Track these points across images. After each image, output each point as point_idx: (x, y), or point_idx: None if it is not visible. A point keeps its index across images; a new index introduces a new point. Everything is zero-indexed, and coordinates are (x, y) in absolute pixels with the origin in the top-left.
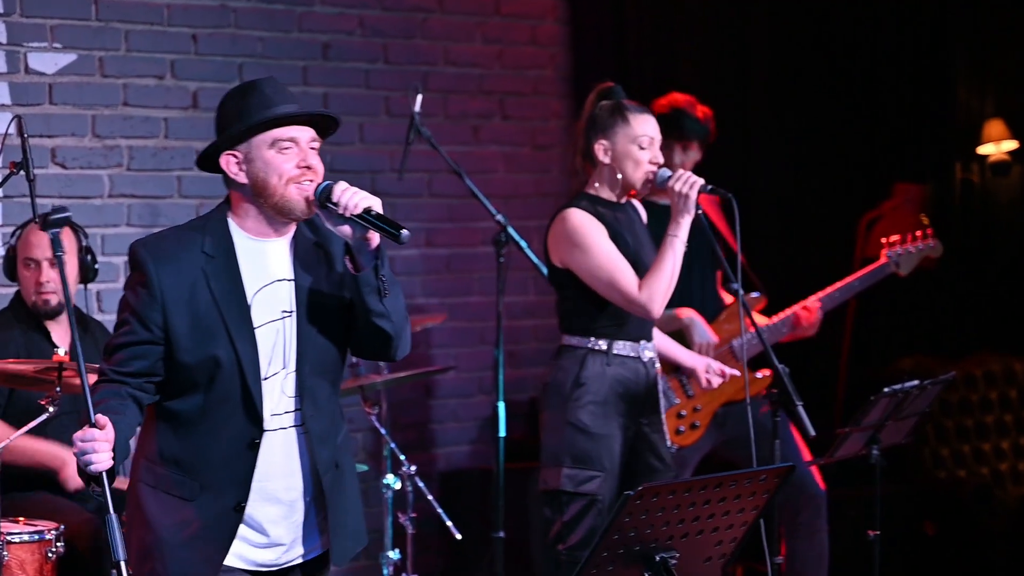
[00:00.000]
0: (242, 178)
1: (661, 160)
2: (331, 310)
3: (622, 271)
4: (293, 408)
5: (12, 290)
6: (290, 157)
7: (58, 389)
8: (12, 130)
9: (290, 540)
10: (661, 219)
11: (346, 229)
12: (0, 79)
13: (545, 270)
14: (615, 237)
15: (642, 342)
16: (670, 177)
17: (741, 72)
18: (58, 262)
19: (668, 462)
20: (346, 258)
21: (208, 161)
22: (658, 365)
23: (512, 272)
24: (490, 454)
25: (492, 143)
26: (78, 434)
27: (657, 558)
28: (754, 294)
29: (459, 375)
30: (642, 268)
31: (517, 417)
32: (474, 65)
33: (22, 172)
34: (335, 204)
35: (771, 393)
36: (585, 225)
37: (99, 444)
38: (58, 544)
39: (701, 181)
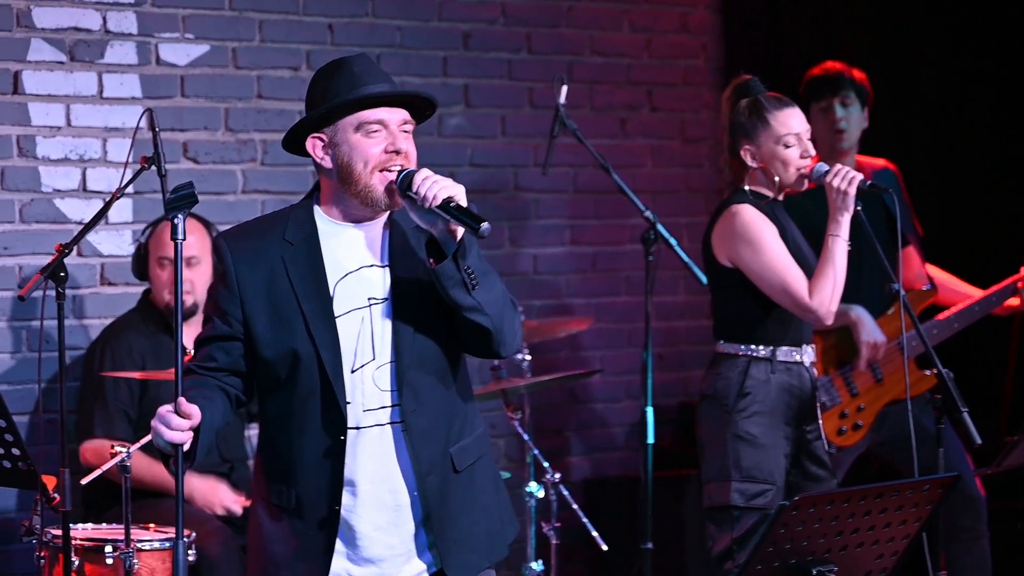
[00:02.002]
0: (327, 163)
1: (813, 153)
2: (429, 299)
3: (794, 275)
4: (390, 403)
5: (135, 289)
6: (377, 141)
7: None
8: (143, 124)
9: (404, 551)
10: (796, 209)
11: (427, 219)
12: (131, 71)
13: (696, 269)
14: (782, 235)
15: (804, 345)
16: (827, 172)
17: (904, 59)
18: (175, 250)
19: (831, 468)
20: (427, 250)
21: (296, 144)
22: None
23: (661, 271)
24: (638, 461)
25: (640, 136)
26: (162, 408)
27: (814, 572)
28: (926, 287)
29: (606, 379)
30: (805, 267)
31: (666, 423)
32: (621, 55)
33: (153, 167)
34: (415, 194)
35: (934, 399)
36: (757, 223)
37: (178, 420)
38: (189, 552)
39: (860, 176)
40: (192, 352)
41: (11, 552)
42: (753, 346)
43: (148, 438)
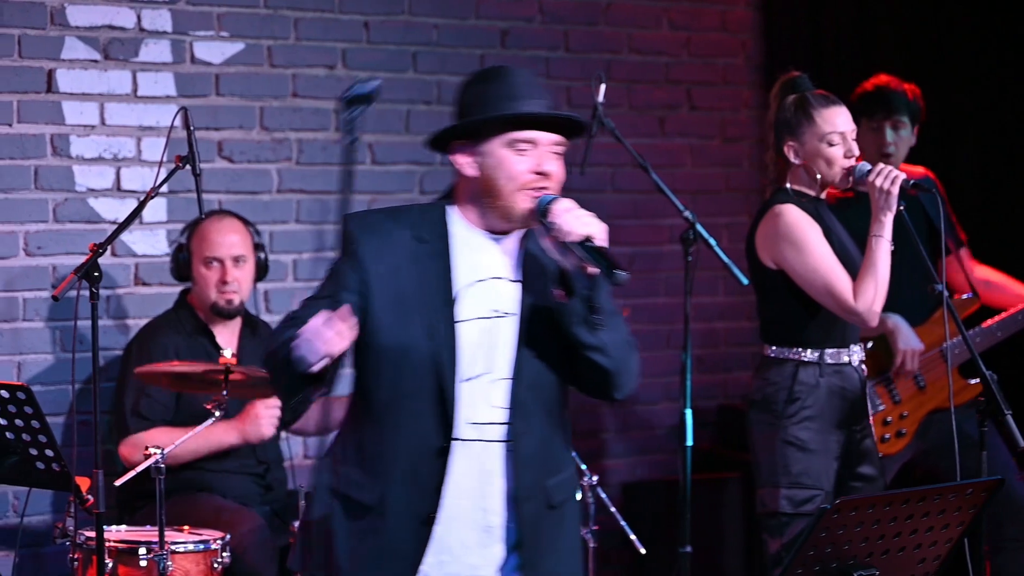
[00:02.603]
0: (471, 171)
1: (857, 153)
2: (555, 324)
3: (839, 276)
4: (499, 420)
5: (170, 290)
6: (526, 159)
7: (224, 392)
8: (178, 123)
9: (488, 573)
10: (836, 211)
11: (558, 252)
12: (165, 70)
13: (736, 270)
14: (826, 235)
15: (851, 346)
16: (869, 172)
17: (946, 57)
18: (347, 147)
19: (880, 469)
20: (558, 281)
21: (439, 142)
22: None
23: (700, 272)
24: (676, 464)
25: (679, 135)
26: (314, 319)
27: (855, 575)
28: (966, 295)
29: (644, 380)
30: (849, 268)
31: (705, 425)
32: (660, 53)
33: (188, 166)
34: (552, 223)
35: (978, 402)
36: (801, 223)
37: (340, 324)
38: (224, 554)
39: (903, 176)
40: (232, 355)
41: (45, 554)
42: (800, 349)
43: (184, 438)
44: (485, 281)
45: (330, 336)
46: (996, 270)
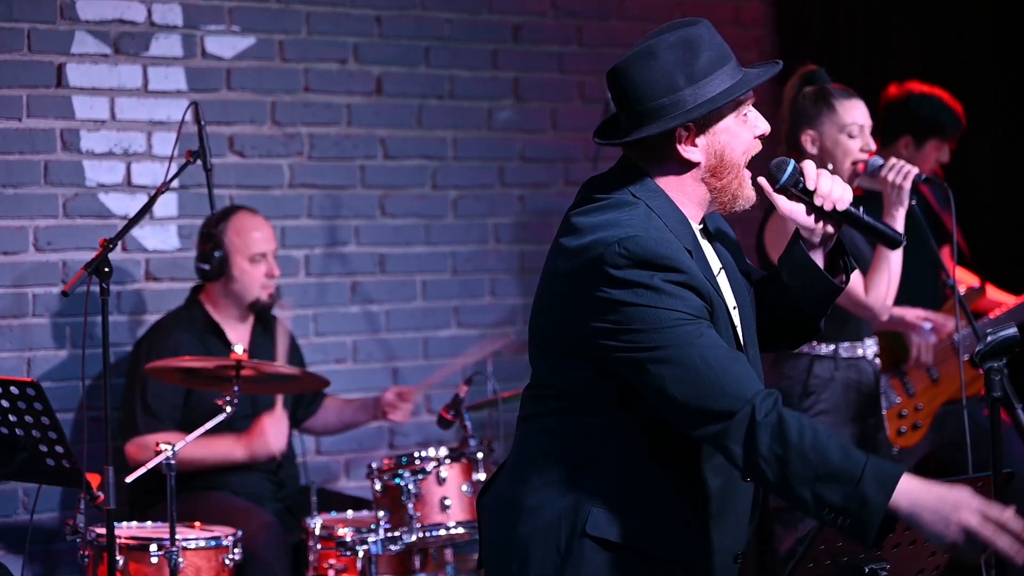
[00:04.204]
0: (695, 155)
1: (872, 147)
2: (754, 308)
3: None
4: None
5: (181, 285)
6: (750, 125)
7: (236, 388)
8: (188, 117)
9: None
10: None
11: (811, 221)
12: (176, 64)
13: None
14: None
15: (865, 339)
16: (882, 166)
17: (962, 53)
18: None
19: (894, 461)
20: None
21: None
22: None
23: None
24: None
25: None
26: None
27: (866, 570)
28: (975, 285)
29: None
30: (860, 263)
31: None
32: None
33: (199, 161)
34: (809, 192)
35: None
36: None
37: None
38: (235, 550)
39: (915, 170)
40: (243, 350)
41: (55, 551)
42: (815, 344)
43: (194, 435)
44: (718, 276)
45: None
46: (971, 273)
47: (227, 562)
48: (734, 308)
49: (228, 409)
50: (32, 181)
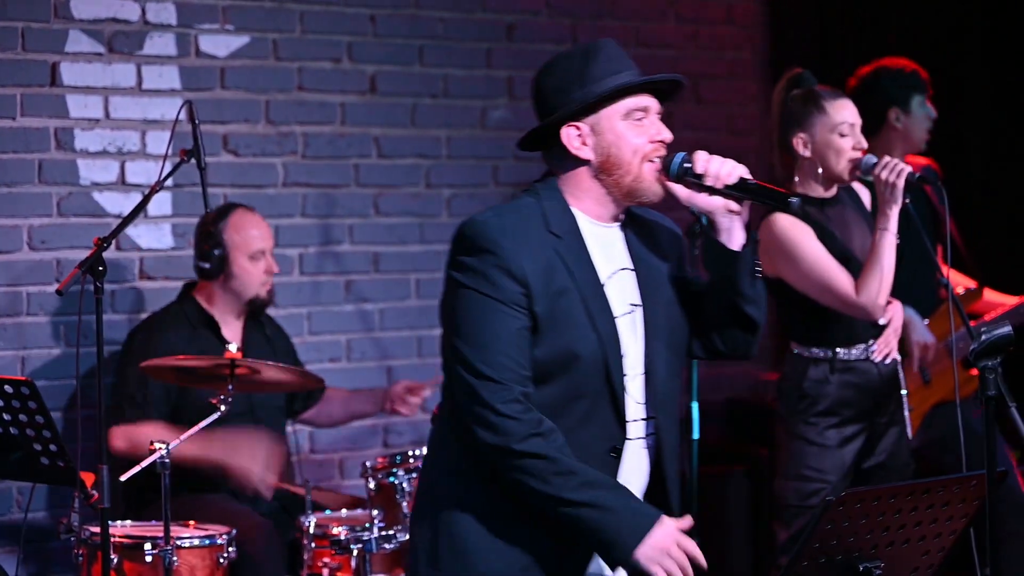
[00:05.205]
0: (586, 153)
1: (864, 145)
2: (674, 304)
3: (835, 274)
4: (643, 416)
5: (175, 284)
6: (644, 129)
7: (230, 387)
8: (182, 116)
9: None
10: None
11: (713, 202)
12: (170, 63)
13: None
14: (822, 236)
15: (871, 341)
16: (875, 164)
17: (955, 51)
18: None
19: (907, 459)
20: (700, 237)
21: (534, 137)
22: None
23: None
24: (683, 457)
25: (685, 128)
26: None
27: (861, 568)
28: (971, 287)
29: None
30: (853, 264)
31: (712, 419)
32: (667, 46)
33: (193, 160)
34: (698, 176)
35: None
36: (789, 231)
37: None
38: (230, 549)
39: (908, 168)
40: (236, 349)
41: (50, 549)
42: (814, 348)
43: (187, 434)
44: (617, 273)
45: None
46: (967, 276)
47: (221, 561)
48: (631, 310)
49: (222, 408)
50: (26, 180)
